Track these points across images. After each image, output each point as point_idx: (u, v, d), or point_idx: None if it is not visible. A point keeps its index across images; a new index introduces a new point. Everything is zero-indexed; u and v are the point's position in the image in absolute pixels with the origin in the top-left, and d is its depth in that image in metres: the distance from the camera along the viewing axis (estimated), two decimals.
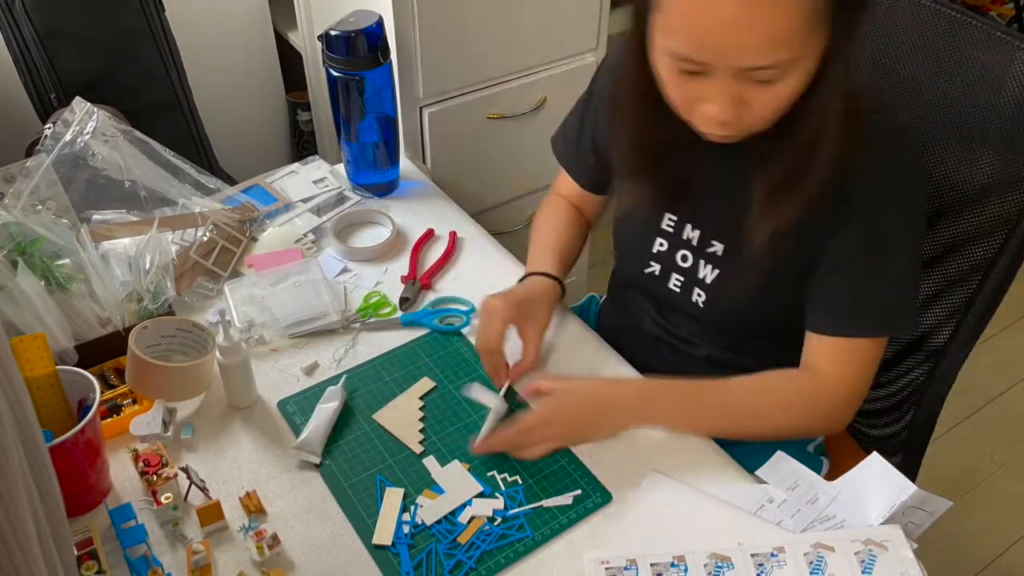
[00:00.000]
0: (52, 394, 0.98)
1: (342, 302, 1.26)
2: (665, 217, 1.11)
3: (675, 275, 1.12)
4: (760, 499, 0.98)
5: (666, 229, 1.11)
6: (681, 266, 1.11)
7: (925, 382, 1.14)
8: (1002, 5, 3.10)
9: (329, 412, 1.07)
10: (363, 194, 1.45)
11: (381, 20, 1.33)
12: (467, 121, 1.67)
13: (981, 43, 1.01)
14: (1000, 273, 1.03)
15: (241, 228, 1.34)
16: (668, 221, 1.11)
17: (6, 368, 0.53)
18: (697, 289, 1.11)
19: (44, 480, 0.57)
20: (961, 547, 1.89)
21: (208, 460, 1.04)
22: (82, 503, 0.98)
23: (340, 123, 1.41)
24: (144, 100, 1.73)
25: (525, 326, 1.12)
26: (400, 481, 1.02)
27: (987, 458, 2.09)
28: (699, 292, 1.10)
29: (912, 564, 0.88)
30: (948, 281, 1.09)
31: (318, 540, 0.96)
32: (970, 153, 1.04)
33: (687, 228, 1.09)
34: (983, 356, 2.25)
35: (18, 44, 1.62)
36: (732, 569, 0.91)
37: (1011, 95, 0.98)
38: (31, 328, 1.06)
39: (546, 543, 0.96)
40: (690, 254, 1.10)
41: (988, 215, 1.04)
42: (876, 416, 1.25)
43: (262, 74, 2.15)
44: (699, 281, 1.10)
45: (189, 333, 1.12)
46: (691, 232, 1.09)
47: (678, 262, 1.11)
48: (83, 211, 1.27)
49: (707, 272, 1.09)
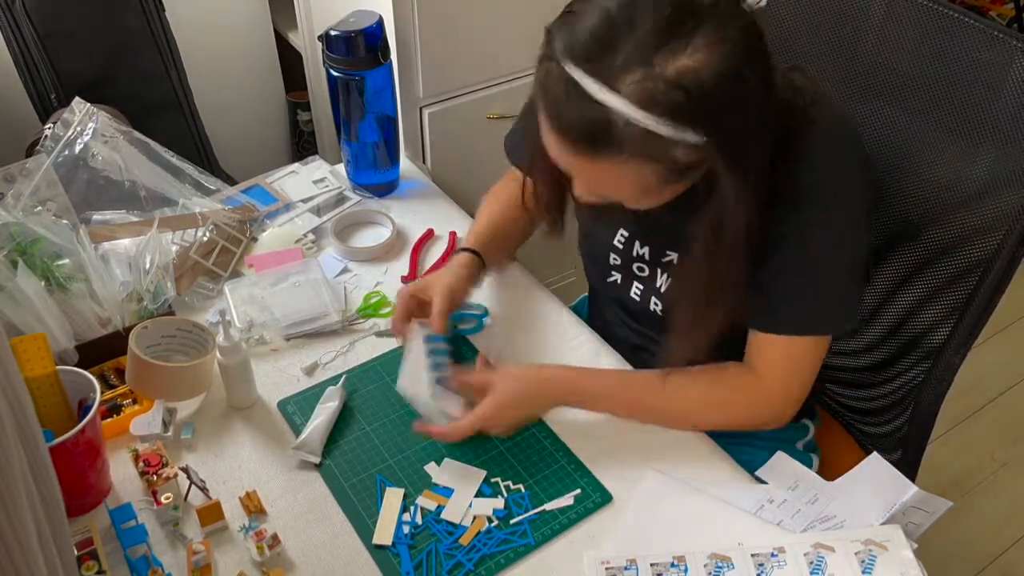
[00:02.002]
0: (52, 394, 0.98)
1: (342, 302, 1.26)
2: (618, 233, 1.11)
3: (635, 283, 1.13)
4: (760, 499, 0.98)
5: (617, 245, 1.12)
6: (639, 275, 1.12)
7: (923, 381, 1.14)
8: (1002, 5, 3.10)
9: (329, 412, 1.07)
10: (363, 194, 1.45)
11: (381, 20, 1.33)
12: (467, 121, 1.67)
13: (980, 43, 1.01)
14: (998, 272, 1.03)
15: (241, 228, 1.34)
16: (620, 237, 1.11)
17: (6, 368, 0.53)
18: (654, 298, 1.11)
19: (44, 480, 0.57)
20: (961, 547, 1.89)
21: (208, 460, 1.04)
22: (82, 503, 0.98)
23: (340, 123, 1.41)
24: (144, 100, 1.73)
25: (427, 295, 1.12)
26: (400, 481, 1.02)
27: (987, 458, 2.09)
28: (655, 301, 1.11)
29: (912, 564, 0.88)
30: (946, 280, 1.09)
31: (318, 540, 0.96)
32: (968, 152, 1.04)
33: (636, 245, 1.10)
34: (983, 356, 2.25)
35: (18, 44, 1.62)
36: (732, 569, 0.91)
37: (1010, 95, 0.98)
38: (31, 328, 1.06)
39: (546, 543, 0.96)
40: (646, 266, 1.11)
41: (986, 214, 1.04)
42: (874, 414, 1.25)
43: (262, 74, 2.15)
44: (655, 290, 1.10)
45: (189, 333, 1.12)
46: (640, 248, 1.10)
47: (635, 272, 1.12)
48: (83, 211, 1.27)
49: (662, 281, 1.09)
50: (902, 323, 1.16)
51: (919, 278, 1.12)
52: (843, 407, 1.31)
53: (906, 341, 1.17)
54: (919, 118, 1.07)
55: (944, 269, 1.09)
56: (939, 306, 1.11)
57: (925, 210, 1.09)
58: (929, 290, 1.12)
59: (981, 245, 1.04)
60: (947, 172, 1.07)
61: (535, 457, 1.05)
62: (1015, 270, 1.03)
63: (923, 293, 1.13)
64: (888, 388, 1.21)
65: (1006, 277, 1.03)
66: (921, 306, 1.13)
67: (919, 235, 1.10)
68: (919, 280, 1.12)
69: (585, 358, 1.18)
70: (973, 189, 1.05)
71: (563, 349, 1.19)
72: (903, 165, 1.10)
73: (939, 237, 1.09)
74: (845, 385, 1.29)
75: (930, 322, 1.13)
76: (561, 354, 1.18)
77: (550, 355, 1.18)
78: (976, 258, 1.05)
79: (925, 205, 1.09)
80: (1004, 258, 1.02)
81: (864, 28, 1.11)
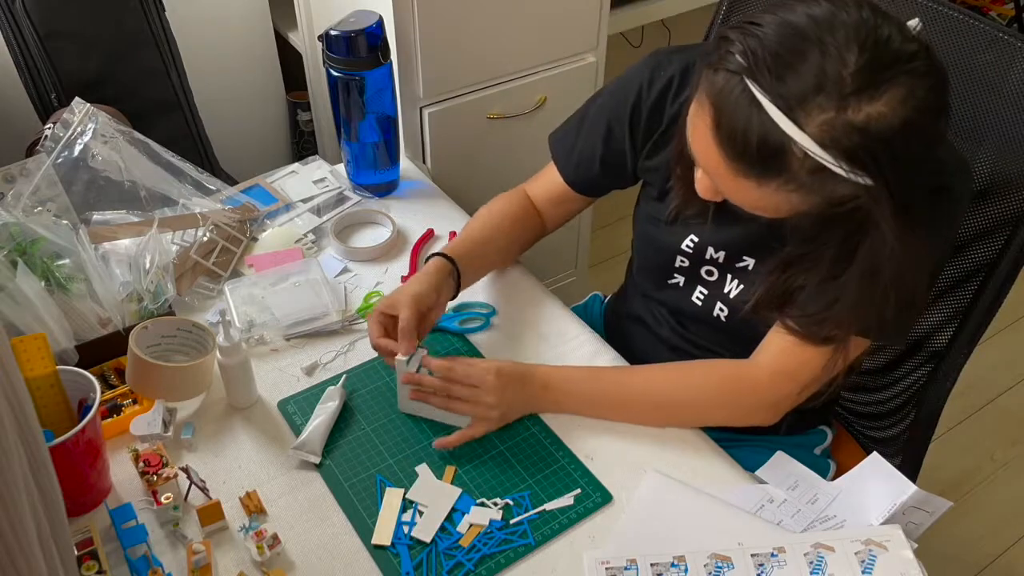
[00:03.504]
0: (52, 394, 0.98)
1: (342, 302, 1.26)
2: (688, 237, 1.10)
3: (700, 288, 1.12)
4: (760, 499, 0.98)
5: (686, 249, 1.10)
6: (707, 280, 1.11)
7: (926, 384, 1.14)
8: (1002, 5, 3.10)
9: (329, 412, 1.07)
10: (363, 194, 1.45)
11: (381, 20, 1.33)
12: (467, 121, 1.67)
13: (981, 43, 1.00)
14: (1001, 274, 1.03)
15: (241, 228, 1.34)
16: (689, 241, 1.10)
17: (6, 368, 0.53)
18: (719, 303, 1.10)
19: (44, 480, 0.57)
20: (961, 547, 1.89)
21: (208, 460, 1.04)
22: (82, 503, 0.98)
23: (340, 123, 1.41)
24: (144, 100, 1.73)
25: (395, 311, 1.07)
26: (400, 481, 1.02)
27: (987, 458, 2.09)
28: (721, 307, 1.10)
29: (912, 564, 0.88)
30: (949, 283, 1.09)
31: (318, 540, 0.96)
32: (970, 154, 1.04)
33: (709, 249, 1.08)
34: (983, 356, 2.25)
35: (18, 44, 1.62)
36: (732, 569, 0.91)
37: (1010, 95, 0.98)
38: (31, 328, 1.06)
39: (546, 543, 0.96)
40: (716, 270, 1.09)
41: (989, 216, 1.04)
42: (878, 419, 1.25)
43: (262, 74, 2.15)
44: (723, 296, 1.09)
45: (189, 333, 1.12)
46: (714, 253, 1.08)
47: (703, 276, 1.11)
48: (83, 211, 1.27)
49: (732, 287, 1.08)
50: None
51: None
52: (848, 412, 1.31)
53: (910, 344, 1.17)
54: None
55: (948, 272, 1.09)
56: (943, 309, 1.11)
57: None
58: (933, 294, 1.11)
59: (984, 248, 1.04)
60: None
61: (535, 457, 1.05)
62: (1017, 273, 1.03)
63: None
64: (892, 392, 1.21)
65: (1009, 279, 1.03)
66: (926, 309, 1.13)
67: None
68: None
69: (585, 358, 1.18)
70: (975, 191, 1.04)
71: (563, 349, 1.19)
72: None
73: None
74: (850, 389, 1.29)
75: (934, 325, 1.12)
76: (561, 354, 1.18)
77: (550, 355, 1.18)
78: (979, 261, 1.05)
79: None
80: (1008, 261, 1.02)
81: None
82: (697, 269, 1.11)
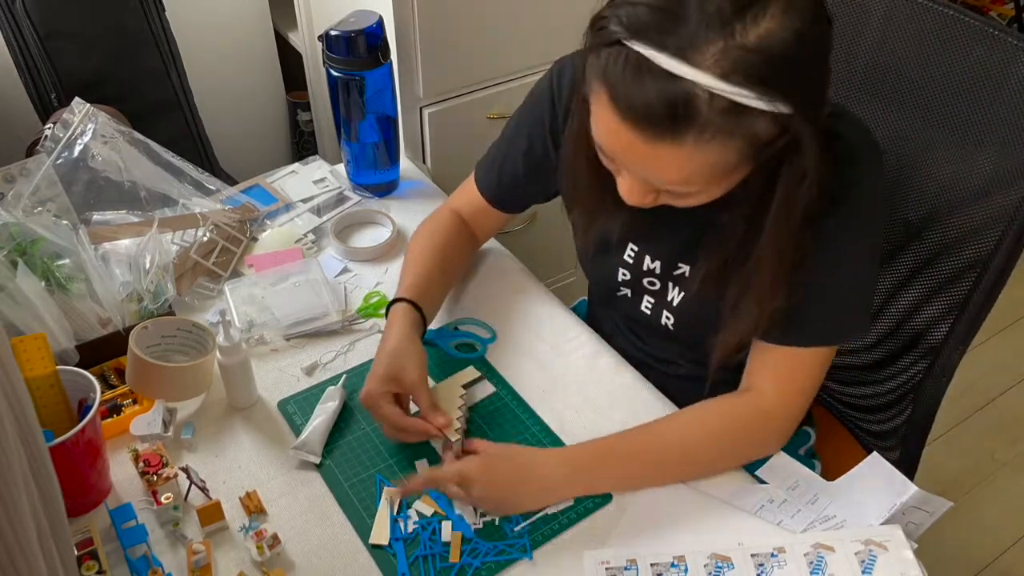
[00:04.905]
0: (52, 394, 0.98)
1: (342, 302, 1.26)
2: (628, 248, 1.09)
3: (646, 298, 1.12)
4: (760, 499, 0.98)
5: (627, 260, 1.10)
6: (650, 289, 1.11)
7: (923, 378, 1.14)
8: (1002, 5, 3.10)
9: (329, 412, 1.07)
10: (363, 194, 1.45)
11: (381, 20, 1.33)
12: (467, 121, 1.66)
13: (980, 43, 1.00)
14: (996, 269, 1.03)
15: (241, 228, 1.34)
16: (630, 252, 1.09)
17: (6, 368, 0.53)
18: (666, 312, 1.10)
19: (44, 480, 0.57)
20: (961, 547, 1.89)
21: (208, 460, 1.04)
22: (82, 503, 0.98)
23: (340, 123, 1.41)
24: (144, 100, 1.73)
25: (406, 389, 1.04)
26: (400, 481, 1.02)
27: (987, 458, 2.09)
28: (667, 315, 1.10)
29: (912, 564, 0.88)
30: (946, 278, 1.09)
31: (318, 540, 0.96)
32: (968, 152, 1.04)
33: (646, 259, 1.08)
34: (983, 356, 2.26)
35: (18, 44, 1.63)
36: (732, 569, 0.91)
37: (1010, 95, 0.98)
38: (31, 328, 1.06)
39: (546, 543, 0.96)
40: (656, 280, 1.10)
41: (985, 212, 1.04)
42: (874, 412, 1.25)
43: (262, 74, 2.15)
44: (668, 304, 1.10)
45: (189, 333, 1.12)
46: (651, 263, 1.08)
47: (646, 286, 1.11)
48: (83, 212, 1.27)
49: (674, 295, 1.08)
50: (903, 321, 1.16)
51: (919, 276, 1.12)
52: (844, 404, 1.32)
53: (907, 339, 1.17)
54: (919, 118, 1.07)
55: (944, 267, 1.09)
56: (939, 304, 1.11)
57: (926, 210, 1.09)
58: (929, 288, 1.12)
59: (980, 243, 1.04)
60: (947, 172, 1.07)
61: None
62: (1013, 267, 1.03)
63: (923, 291, 1.13)
64: (889, 385, 1.21)
65: (1004, 274, 1.03)
66: (921, 304, 1.14)
67: (920, 235, 1.11)
68: (919, 278, 1.13)
69: (585, 358, 1.18)
70: (974, 189, 1.05)
71: (563, 349, 1.19)
72: (903, 165, 1.10)
73: (939, 236, 1.09)
74: (846, 383, 1.29)
75: (930, 319, 1.13)
76: (561, 354, 1.18)
77: (550, 355, 1.18)
78: (975, 256, 1.05)
79: (925, 205, 1.09)
80: (1003, 255, 1.02)
81: (864, 28, 1.11)
82: (639, 281, 1.11)
